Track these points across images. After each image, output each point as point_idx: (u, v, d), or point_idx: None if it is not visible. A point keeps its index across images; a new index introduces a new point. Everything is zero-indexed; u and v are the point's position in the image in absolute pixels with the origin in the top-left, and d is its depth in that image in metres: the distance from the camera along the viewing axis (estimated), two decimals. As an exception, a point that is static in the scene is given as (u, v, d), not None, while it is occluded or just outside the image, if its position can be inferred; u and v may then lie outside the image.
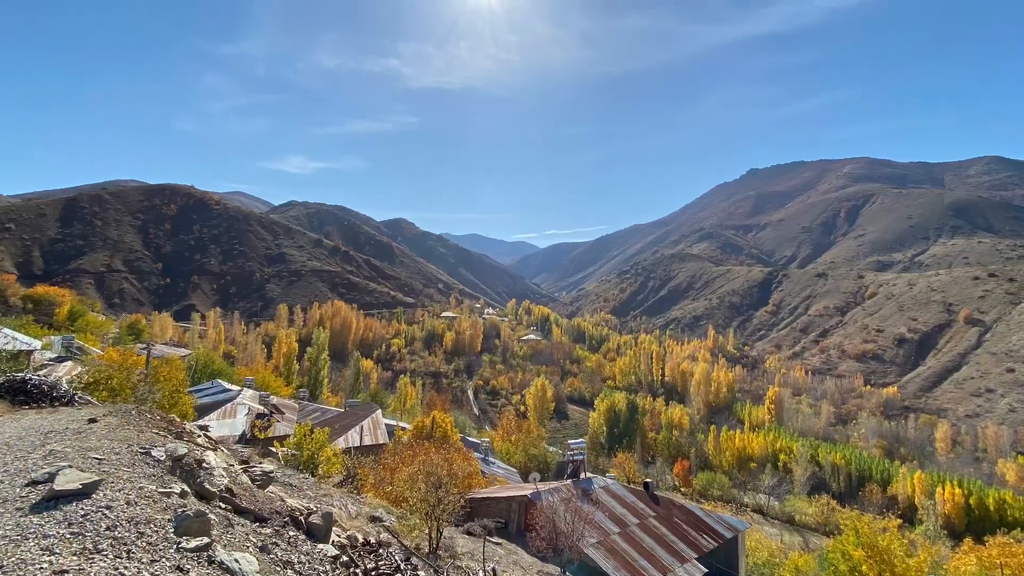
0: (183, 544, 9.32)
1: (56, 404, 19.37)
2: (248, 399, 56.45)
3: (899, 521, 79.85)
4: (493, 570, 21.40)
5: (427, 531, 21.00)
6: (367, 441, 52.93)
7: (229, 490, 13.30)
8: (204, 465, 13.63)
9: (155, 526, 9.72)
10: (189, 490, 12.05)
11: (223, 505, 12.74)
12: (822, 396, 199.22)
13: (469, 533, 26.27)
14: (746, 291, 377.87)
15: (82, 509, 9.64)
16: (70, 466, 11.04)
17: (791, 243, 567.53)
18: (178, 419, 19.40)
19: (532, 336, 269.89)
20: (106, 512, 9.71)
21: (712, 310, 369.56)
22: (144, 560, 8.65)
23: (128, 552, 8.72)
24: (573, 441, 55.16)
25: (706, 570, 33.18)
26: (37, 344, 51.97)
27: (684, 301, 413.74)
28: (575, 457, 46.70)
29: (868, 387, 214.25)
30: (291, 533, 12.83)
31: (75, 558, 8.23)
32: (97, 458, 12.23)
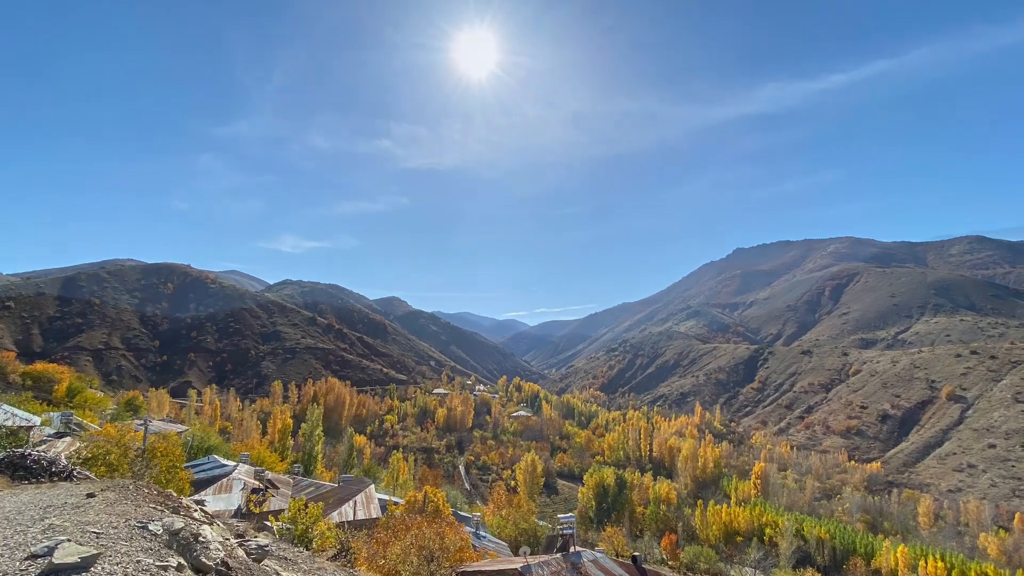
0: (181, 616, 9.36)
1: (55, 479, 19.60)
2: (243, 474, 57.14)
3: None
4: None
5: (420, 603, 21.22)
6: (360, 515, 52.58)
7: (225, 563, 13.54)
8: (200, 539, 13.77)
9: (152, 600, 9.60)
10: (186, 563, 12.32)
11: (219, 579, 12.99)
12: (807, 471, 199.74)
13: (461, 605, 27.36)
14: (732, 368, 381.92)
15: (80, 583, 9.66)
16: (69, 540, 11.24)
17: (777, 321, 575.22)
18: (175, 494, 19.88)
19: (522, 412, 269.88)
20: (104, 586, 9.71)
21: (699, 387, 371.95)
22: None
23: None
24: (563, 515, 54.27)
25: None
26: (36, 420, 52.59)
27: (672, 378, 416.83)
28: (565, 531, 46.19)
29: (852, 462, 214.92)
30: (286, 606, 12.98)
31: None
32: (95, 532, 12.44)
